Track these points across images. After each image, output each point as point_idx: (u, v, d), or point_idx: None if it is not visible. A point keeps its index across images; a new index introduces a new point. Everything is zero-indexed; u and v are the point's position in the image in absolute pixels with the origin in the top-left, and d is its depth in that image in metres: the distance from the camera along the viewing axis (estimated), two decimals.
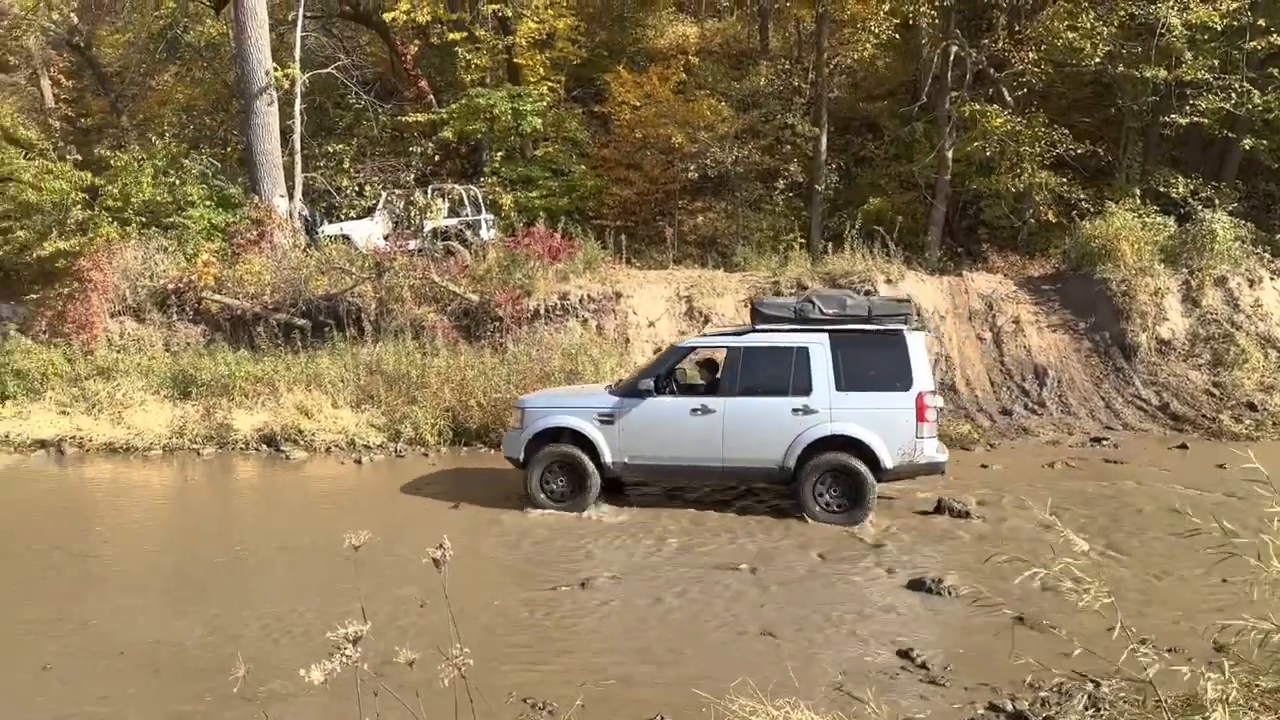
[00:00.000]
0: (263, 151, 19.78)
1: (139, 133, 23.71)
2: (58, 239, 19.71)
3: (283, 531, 10.15)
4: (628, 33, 26.36)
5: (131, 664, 6.70)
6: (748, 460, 10.19)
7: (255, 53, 19.56)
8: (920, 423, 9.75)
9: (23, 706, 6.11)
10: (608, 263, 17.85)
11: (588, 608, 7.54)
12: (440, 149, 23.10)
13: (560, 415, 10.68)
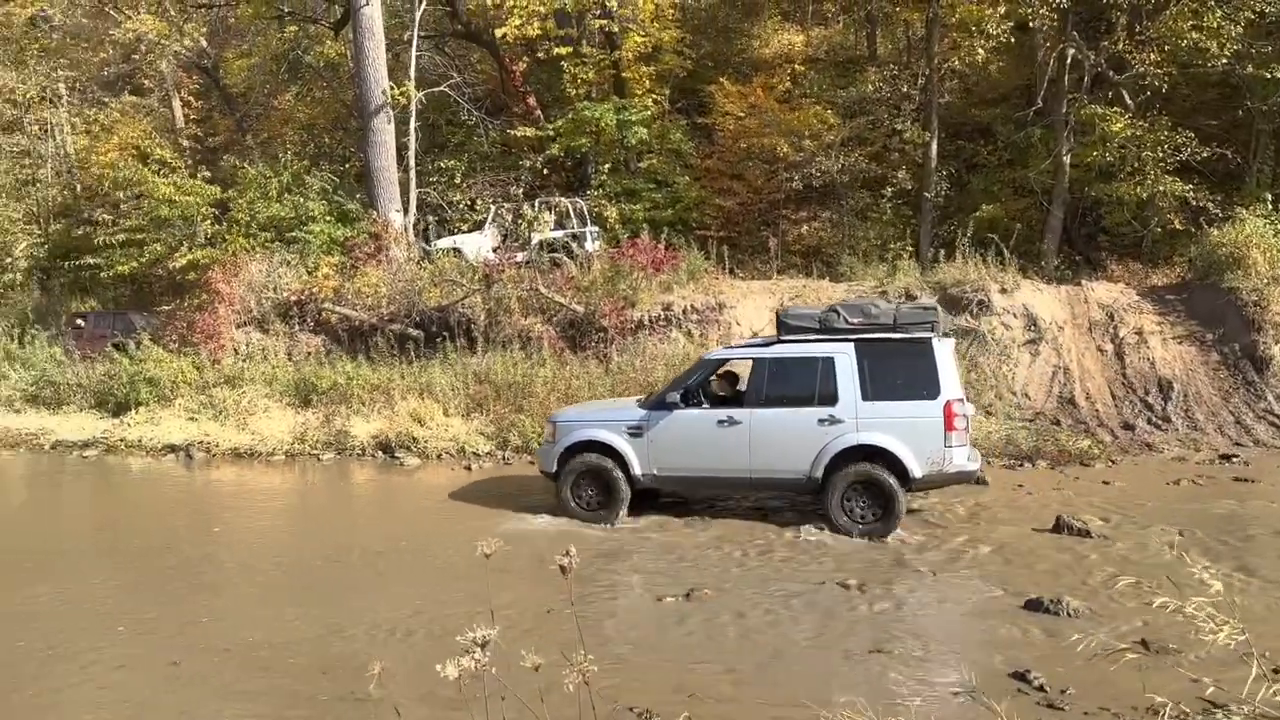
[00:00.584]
0: (380, 168, 20.47)
1: (263, 151, 24.78)
2: (188, 252, 20.77)
3: (397, 534, 10.46)
4: (732, 43, 26.35)
5: (247, 662, 6.99)
6: (774, 471, 10.20)
7: (373, 72, 20.27)
8: (949, 431, 9.61)
9: (154, 701, 6.44)
10: (710, 273, 17.87)
11: (695, 619, 7.55)
12: (547, 163, 23.50)
13: (590, 429, 10.85)
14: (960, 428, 9.67)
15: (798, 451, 10.01)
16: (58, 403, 18.12)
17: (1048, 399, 15.08)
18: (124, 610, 8.25)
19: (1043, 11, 19.17)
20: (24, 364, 19.56)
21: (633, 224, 20.74)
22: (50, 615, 8.25)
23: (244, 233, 20.88)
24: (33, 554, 10.48)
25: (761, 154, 21.63)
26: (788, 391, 10.17)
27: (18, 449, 16.58)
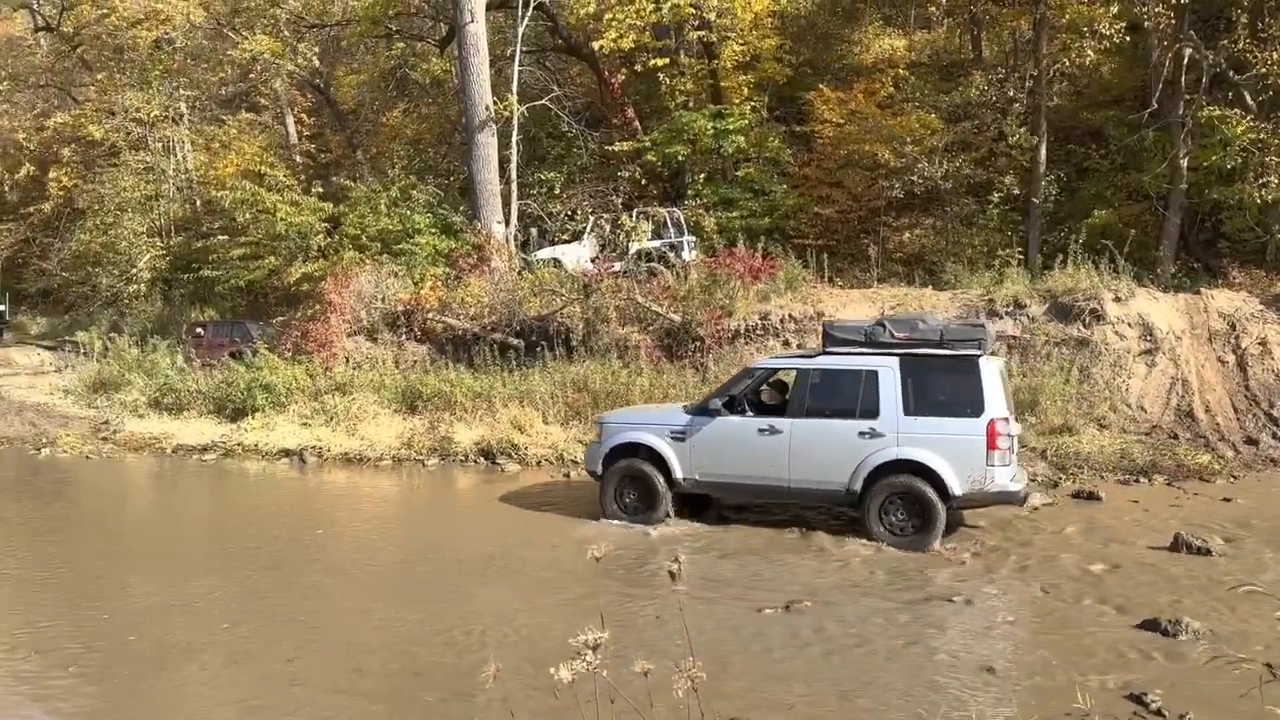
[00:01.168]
0: (483, 181, 20.92)
1: (372, 166, 25.60)
2: (302, 265, 21.57)
3: (498, 538, 10.65)
4: (832, 50, 26.13)
5: (351, 661, 7.20)
6: (813, 482, 10.18)
7: (477, 88, 20.75)
8: (992, 450, 9.44)
9: (266, 698, 6.69)
10: (809, 282, 17.70)
11: (797, 631, 7.48)
12: (645, 173, 23.67)
13: (635, 432, 11.00)
14: (1004, 447, 9.51)
15: (837, 463, 9.99)
16: (179, 408, 18.98)
17: (1164, 412, 14.47)
18: (230, 608, 8.60)
19: (1157, 10, 18.49)
20: (147, 371, 20.54)
21: (729, 233, 20.70)
22: (162, 612, 8.65)
23: (354, 246, 21.58)
24: (148, 553, 11.03)
25: (862, 160, 21.36)
26: (830, 403, 10.20)
27: (142, 453, 17.42)
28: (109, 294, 28.43)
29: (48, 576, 10.04)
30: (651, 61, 22.45)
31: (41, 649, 7.81)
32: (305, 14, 26.87)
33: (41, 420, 19.76)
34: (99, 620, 8.42)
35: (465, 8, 20.49)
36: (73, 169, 30.58)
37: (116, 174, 29.08)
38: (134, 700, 6.86)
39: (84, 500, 14.53)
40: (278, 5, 25.94)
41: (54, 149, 31.28)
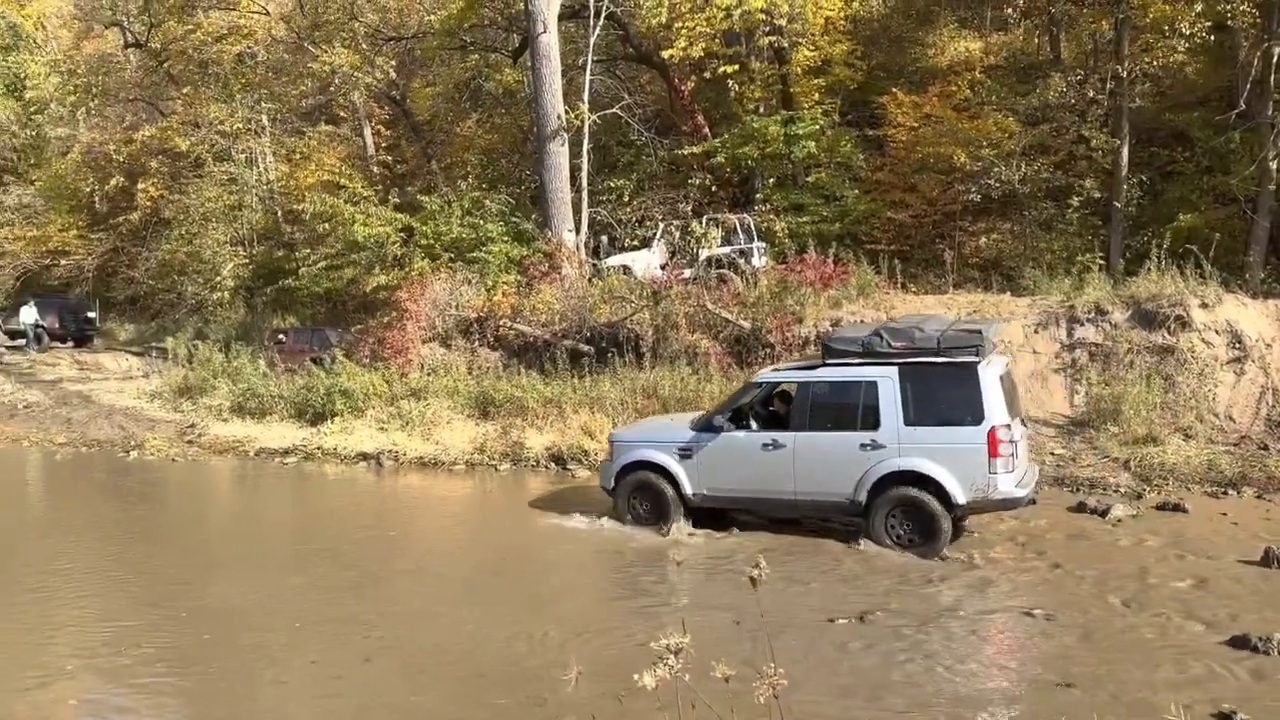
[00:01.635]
0: (554, 189, 21.14)
1: (446, 175, 26.03)
2: (379, 274, 22.03)
3: (568, 543, 10.76)
4: (906, 53, 25.82)
5: (428, 663, 7.32)
6: (818, 494, 10.26)
7: (549, 97, 20.98)
8: (993, 458, 9.41)
9: (343, 696, 6.85)
10: (881, 288, 17.50)
11: (872, 643, 7.41)
12: (715, 180, 23.65)
13: (644, 449, 11.16)
14: (1006, 454, 9.46)
15: (841, 475, 10.01)
16: (261, 413, 19.51)
17: (1254, 422, 13.97)
18: (305, 608, 8.84)
19: (1243, 9, 17.89)
20: (231, 377, 21.17)
21: (799, 238, 20.58)
22: (240, 610, 8.93)
23: (427, 255, 21.98)
24: (228, 553, 11.41)
25: (937, 164, 21.06)
26: (831, 415, 10.27)
27: (226, 456, 17.96)
28: (194, 301, 29.35)
29: (133, 575, 10.45)
30: (721, 68, 22.44)
31: (130, 646, 8.12)
32: (383, 27, 27.46)
33: (130, 424, 20.50)
34: (179, 619, 8.73)
35: (538, 18, 20.74)
36: (160, 180, 31.60)
37: (201, 185, 30.01)
38: (218, 698, 7.09)
39: (169, 501, 15.04)
40: (356, 19, 26.55)
41: (142, 161, 32.37)
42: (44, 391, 24.07)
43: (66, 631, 8.65)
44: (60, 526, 13.31)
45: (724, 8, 21.41)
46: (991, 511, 10.07)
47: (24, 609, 9.32)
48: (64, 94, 35.67)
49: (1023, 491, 9.72)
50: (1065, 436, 14.08)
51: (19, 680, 7.56)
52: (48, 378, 25.87)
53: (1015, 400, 10.54)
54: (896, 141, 22.15)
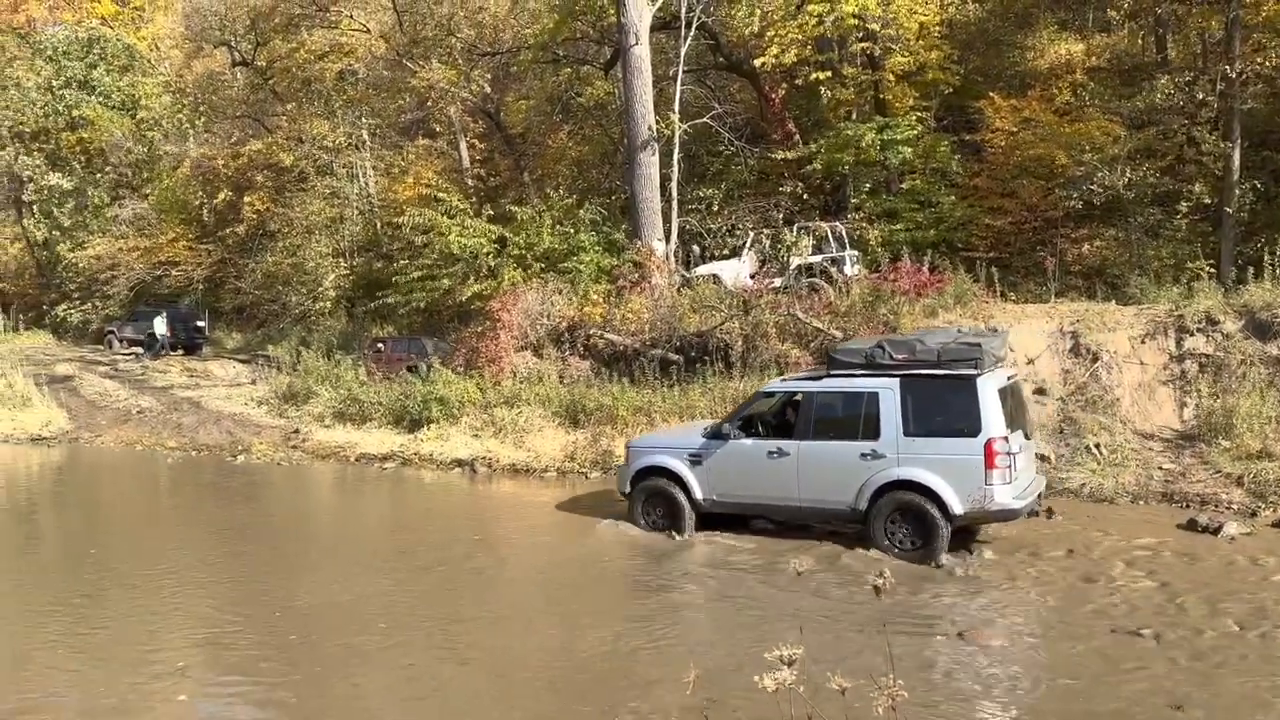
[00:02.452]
0: (644, 199, 21.26)
1: (537, 187, 26.41)
2: (473, 284, 22.48)
3: (657, 551, 10.79)
4: (1004, 56, 25.26)
5: (516, 669, 7.42)
6: (820, 501, 10.56)
7: (640, 108, 21.13)
8: (990, 469, 9.57)
9: (458, 700, 7.00)
10: (979, 296, 17.12)
11: (982, 660, 7.25)
12: (806, 187, 23.49)
13: (657, 455, 11.65)
14: (1002, 465, 9.60)
15: (842, 484, 10.30)
16: (361, 419, 20.07)
17: None
18: (397, 610, 9.08)
19: None
20: (333, 384, 21.82)
21: (892, 246, 20.27)
22: (334, 610, 9.21)
23: (519, 265, 22.33)
24: (326, 554, 11.77)
25: (1036, 169, 20.54)
26: (833, 425, 10.56)
27: (328, 460, 18.51)
28: (298, 311, 30.33)
29: (236, 574, 10.89)
30: (813, 75, 22.29)
31: (234, 644, 8.45)
32: (478, 43, 28.05)
33: (237, 429, 21.29)
34: (277, 618, 9.05)
35: (630, 30, 20.93)
36: (265, 194, 32.80)
37: (305, 198, 31.06)
38: (320, 698, 7.31)
39: (272, 504, 15.58)
40: (453, 35, 27.18)
41: (249, 175, 33.66)
42: (156, 397, 25.16)
43: (176, 628, 9.04)
44: (170, 527, 13.93)
45: (816, 14, 21.29)
46: (989, 522, 10.22)
47: (137, 606, 9.78)
48: (175, 111, 37.39)
49: (1020, 503, 9.85)
50: (1174, 451, 13.56)
51: (134, 675, 7.92)
52: (159, 384, 27.05)
53: (1021, 413, 10.73)
54: (994, 146, 21.67)
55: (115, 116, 39.13)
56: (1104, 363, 14.77)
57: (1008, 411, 9.98)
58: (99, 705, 7.33)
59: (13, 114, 39.14)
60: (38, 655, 8.49)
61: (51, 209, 39.25)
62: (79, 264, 37.82)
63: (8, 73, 41.20)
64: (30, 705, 7.38)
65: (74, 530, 14.18)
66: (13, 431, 22.49)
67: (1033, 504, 10.26)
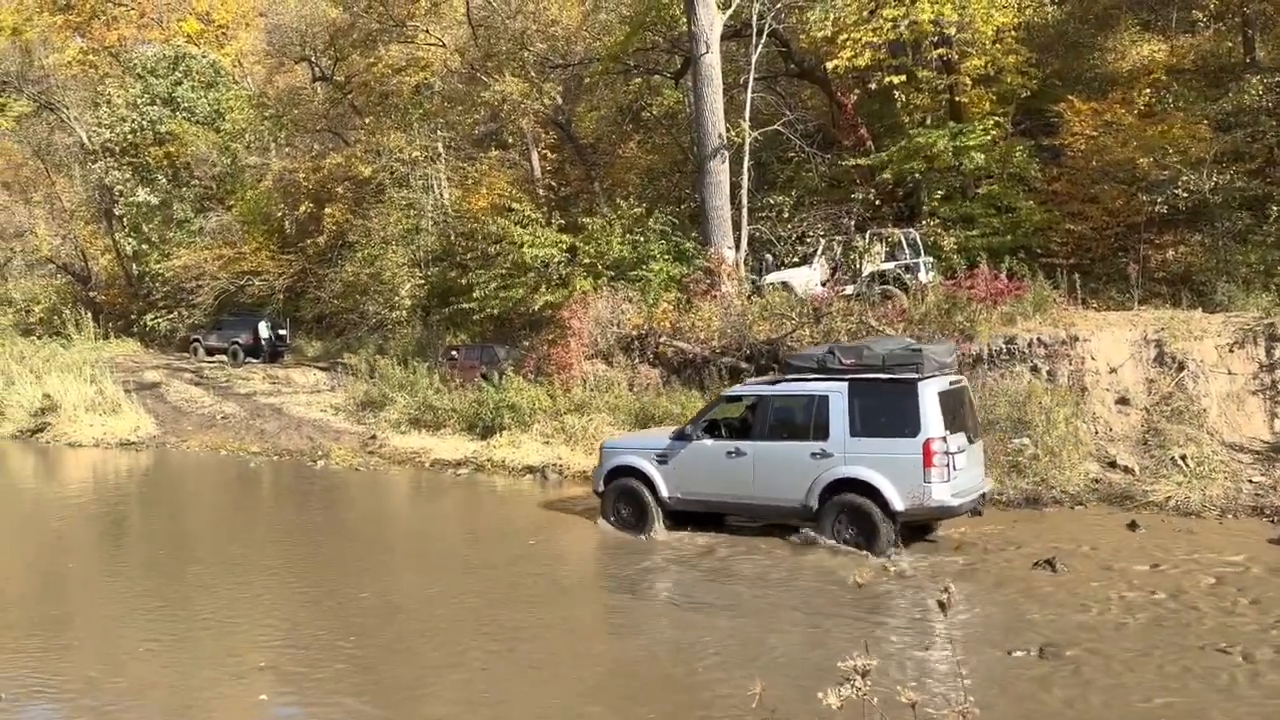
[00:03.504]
0: (714, 207, 21.25)
1: (608, 196, 26.56)
2: (545, 293, 22.72)
3: (726, 558, 10.77)
4: (1083, 58, 24.67)
5: (584, 673, 7.46)
6: (775, 499, 11.23)
7: (710, 116, 21.14)
8: (928, 468, 10.13)
9: (531, 704, 7.07)
10: (1059, 304, 16.72)
11: (1067, 681, 7.07)
12: (879, 194, 23.23)
13: (627, 455, 12.49)
14: (940, 465, 10.15)
15: (794, 482, 10.96)
16: (436, 425, 20.41)
17: None
18: (469, 613, 9.23)
19: None
20: (409, 391, 22.22)
21: (968, 253, 19.92)
22: (411, 613, 9.39)
23: (590, 273, 22.51)
24: (399, 559, 12.01)
25: (1118, 173, 20.00)
26: (786, 427, 11.29)
27: (404, 466, 18.86)
28: (375, 320, 30.95)
29: (313, 577, 11.19)
30: (887, 79, 22.05)
31: (311, 647, 8.67)
32: (550, 55, 28.36)
33: (317, 435, 21.82)
34: (353, 621, 9.26)
35: (701, 39, 20.96)
36: (344, 205, 33.56)
37: (382, 209, 31.72)
38: (390, 697, 7.45)
39: (351, 509, 15.95)
40: (526, 49, 27.53)
41: (328, 187, 34.45)
42: (240, 404, 25.92)
43: (256, 629, 9.31)
44: (252, 531, 14.34)
45: (891, 19, 21.05)
46: (928, 519, 10.79)
47: (220, 606, 10.09)
48: (258, 126, 38.49)
49: (958, 501, 10.42)
50: (1264, 463, 13.08)
51: (216, 674, 8.18)
52: (242, 391, 27.86)
53: (965, 417, 11.23)
54: (1074, 150, 21.17)
55: (200, 131, 40.44)
56: (1190, 372, 14.31)
57: (948, 414, 10.53)
58: (182, 703, 7.58)
59: (104, 130, 40.76)
60: (125, 653, 8.82)
61: (139, 222, 40.73)
62: (165, 274, 39.15)
63: (100, 90, 42.95)
64: (116, 702, 7.66)
65: (160, 532, 14.69)
66: (103, 436, 23.35)
67: (975, 503, 10.85)
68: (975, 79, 22.39)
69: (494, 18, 29.27)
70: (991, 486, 11.88)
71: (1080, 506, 12.72)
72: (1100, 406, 14.41)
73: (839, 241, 21.39)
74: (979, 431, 11.85)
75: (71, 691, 7.90)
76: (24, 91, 46.47)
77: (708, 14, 20.94)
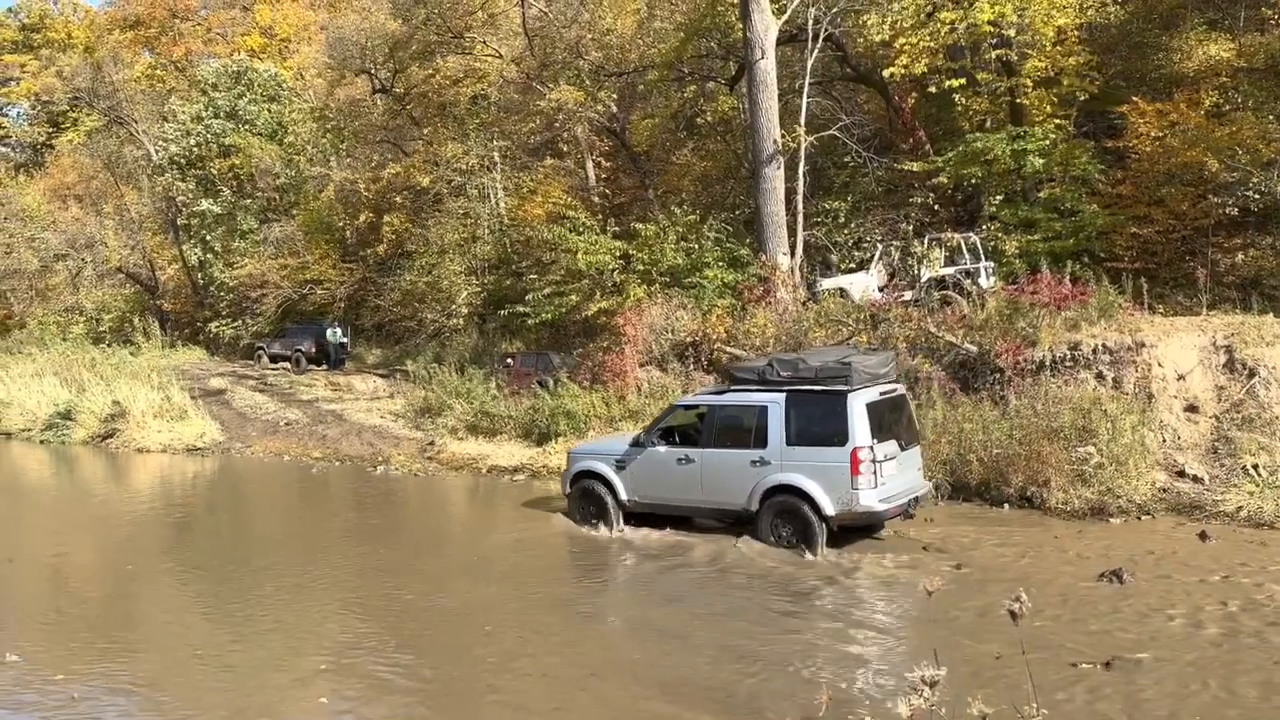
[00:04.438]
0: (769, 213, 21.18)
1: (661, 204, 26.61)
2: (599, 300, 22.82)
3: (782, 565, 10.70)
4: (1147, 59, 24.13)
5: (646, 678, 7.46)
6: (720, 502, 12.01)
7: (765, 122, 21.07)
8: (855, 475, 10.79)
9: (594, 709, 7.10)
10: (1124, 309, 16.35)
11: (1120, 694, 6.93)
12: (937, 197, 22.96)
13: (590, 460, 13.39)
14: (866, 472, 10.79)
15: (736, 486, 11.71)
16: (492, 432, 20.59)
17: None
18: (524, 617, 9.29)
19: None
20: (465, 397, 22.46)
21: (1031, 257, 19.57)
22: (469, 617, 9.47)
23: (643, 280, 22.56)
24: (452, 563, 12.13)
25: (1185, 175, 19.52)
26: (730, 435, 11.97)
27: (461, 472, 19.05)
28: (432, 328, 31.38)
29: (374, 580, 11.34)
30: (946, 83, 21.79)
31: (371, 649, 8.80)
32: (605, 63, 28.52)
33: (377, 441, 22.14)
34: (411, 623, 9.38)
35: (756, 45, 20.92)
36: (403, 215, 34.10)
37: (439, 218, 32.14)
38: (447, 700, 7.54)
39: (409, 514, 16.14)
40: (581, 58, 27.72)
41: (388, 197, 35.01)
42: (303, 410, 26.41)
43: (318, 632, 9.47)
44: (314, 535, 14.59)
45: (949, 22, 20.81)
46: (856, 523, 11.26)
47: (283, 609, 10.28)
48: (320, 137, 39.25)
49: (884, 506, 11.00)
50: None
51: (279, 677, 8.33)
52: (305, 397, 28.38)
53: (897, 425, 11.78)
54: (1139, 152, 20.71)
55: (263, 143, 41.38)
56: (1261, 378, 13.89)
57: (877, 424, 11.15)
58: (245, 704, 7.73)
59: (170, 144, 41.91)
60: (191, 654, 9.02)
61: (204, 233, 41.77)
62: (230, 283, 40.09)
63: (166, 104, 44.18)
64: (182, 704, 7.84)
65: (226, 536, 15.03)
66: (171, 442, 23.94)
67: (905, 507, 11.42)
68: (1036, 81, 22.02)
69: (549, 27, 29.54)
70: (928, 489, 12.40)
71: (1147, 516, 12.42)
72: (1168, 414, 14.06)
73: (897, 247, 21.16)
74: (915, 438, 12.41)
75: (137, 692, 8.12)
76: (95, 106, 48.09)
77: (763, 20, 20.90)
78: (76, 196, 49.75)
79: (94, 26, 59.96)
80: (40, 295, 47.85)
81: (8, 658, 9.07)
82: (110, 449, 24.29)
